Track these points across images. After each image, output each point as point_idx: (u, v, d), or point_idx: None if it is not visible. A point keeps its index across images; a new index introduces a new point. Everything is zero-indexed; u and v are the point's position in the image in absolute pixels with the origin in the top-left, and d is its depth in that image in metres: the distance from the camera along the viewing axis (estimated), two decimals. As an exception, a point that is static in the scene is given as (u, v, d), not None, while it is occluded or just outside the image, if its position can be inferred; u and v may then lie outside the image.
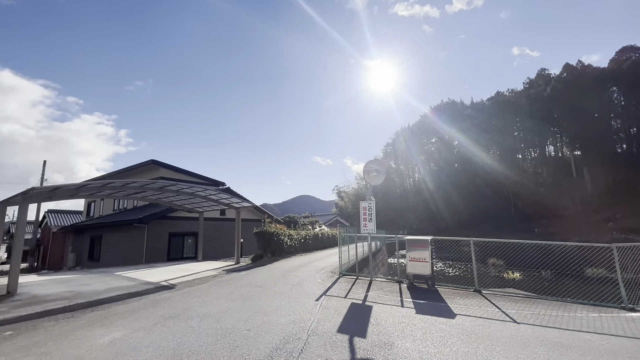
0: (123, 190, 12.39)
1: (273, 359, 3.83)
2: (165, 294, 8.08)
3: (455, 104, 57.94)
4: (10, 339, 4.98)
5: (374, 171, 10.60)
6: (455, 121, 52.86)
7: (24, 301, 7.61)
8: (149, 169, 23.30)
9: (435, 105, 59.98)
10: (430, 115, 58.89)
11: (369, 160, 10.66)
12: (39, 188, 8.82)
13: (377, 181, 10.64)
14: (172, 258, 18.98)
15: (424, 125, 58.83)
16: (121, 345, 4.50)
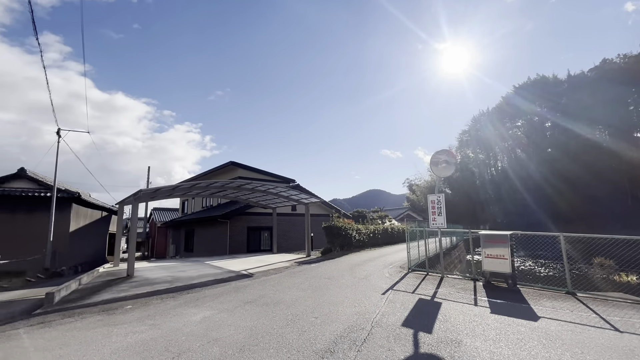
0: (208, 190, 14.07)
1: (337, 345, 4.02)
2: (245, 282, 9.00)
3: (547, 79, 50.26)
4: (130, 311, 6.20)
5: (443, 162, 10.02)
6: (547, 100, 45.94)
7: (139, 282, 9.30)
8: (229, 170, 25.83)
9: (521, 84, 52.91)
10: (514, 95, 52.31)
11: (437, 150, 10.10)
12: (145, 190, 10.64)
13: (446, 173, 10.04)
14: (250, 250, 20.82)
15: (507, 107, 52.51)
16: (210, 322, 5.23)
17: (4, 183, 18.33)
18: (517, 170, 46.41)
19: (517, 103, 50.95)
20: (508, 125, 52.84)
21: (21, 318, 6.19)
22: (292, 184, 25.91)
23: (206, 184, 12.60)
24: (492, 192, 49.54)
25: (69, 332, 5.06)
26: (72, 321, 5.69)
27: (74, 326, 5.38)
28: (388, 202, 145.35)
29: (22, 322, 5.87)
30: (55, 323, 5.61)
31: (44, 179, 19.47)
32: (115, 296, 7.55)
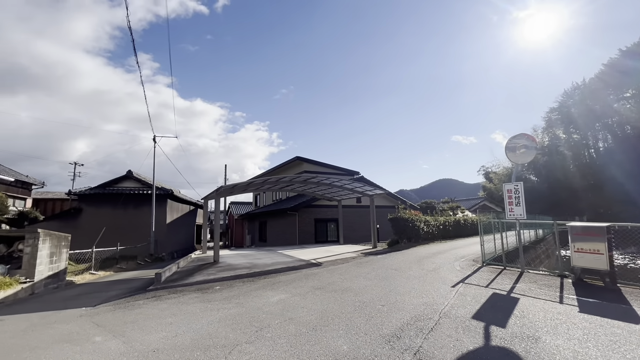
0: (277, 185, 15.10)
1: (404, 331, 4.16)
2: (314, 270, 9.56)
3: (665, 37, 40.68)
4: (219, 291, 7.18)
5: (522, 147, 9.15)
6: (665, 63, 37.35)
7: (223, 267, 10.57)
8: (295, 165, 27.08)
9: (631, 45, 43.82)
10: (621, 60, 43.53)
11: (514, 135, 9.24)
12: (224, 186, 11.96)
13: (525, 159, 9.16)
14: (318, 241, 21.67)
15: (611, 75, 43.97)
16: (285, 304, 5.80)
17: (117, 183, 22.24)
18: (625, 152, 39.03)
19: (626, 69, 42.34)
20: (612, 97, 44.51)
21: (139, 292, 7.67)
22: (356, 176, 26.07)
23: (276, 179, 13.57)
24: (591, 179, 42.58)
25: (175, 305, 6.13)
26: (177, 297, 6.85)
27: (178, 300, 6.48)
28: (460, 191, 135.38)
29: (140, 295, 7.28)
30: (164, 297, 6.83)
31: (145, 178, 23.04)
32: (206, 278, 8.77)
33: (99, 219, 18.96)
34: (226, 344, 3.99)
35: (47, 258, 9.88)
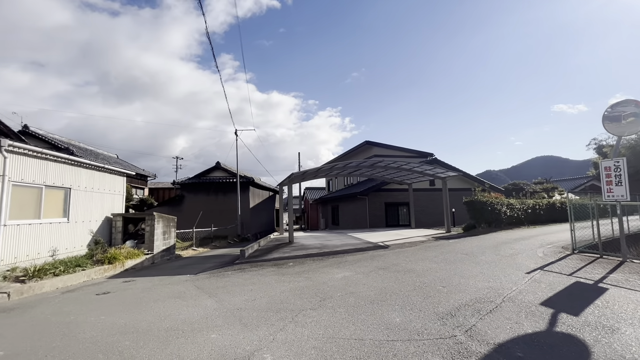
0: (345, 170, 15.53)
1: (459, 311, 4.23)
2: (381, 252, 9.82)
3: None
4: (291, 267, 8.05)
5: (630, 116, 7.76)
6: None
7: (297, 247, 11.59)
8: (365, 149, 27.10)
9: None
10: None
11: (616, 102, 7.84)
12: (295, 173, 12.91)
13: (633, 129, 7.72)
14: (389, 224, 21.61)
15: None
16: (348, 280, 6.28)
17: (209, 173, 25.53)
18: None
19: None
20: None
21: (228, 265, 9.06)
22: (429, 157, 24.89)
23: (343, 165, 14.02)
24: None
25: (255, 276, 7.16)
26: (256, 269, 7.94)
27: (258, 273, 7.53)
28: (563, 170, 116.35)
29: (229, 267, 8.63)
30: (247, 269, 7.99)
31: (230, 168, 25.91)
32: (281, 255, 9.82)
33: (197, 204, 22.25)
34: (294, 308, 4.65)
35: (161, 235, 12.25)
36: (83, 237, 10.08)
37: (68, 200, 9.51)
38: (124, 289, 6.68)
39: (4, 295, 6.03)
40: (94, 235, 10.55)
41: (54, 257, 8.36)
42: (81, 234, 10.02)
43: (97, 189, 10.97)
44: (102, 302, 5.65)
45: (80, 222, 10.01)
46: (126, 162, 27.65)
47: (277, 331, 3.79)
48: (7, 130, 14.60)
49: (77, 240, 9.80)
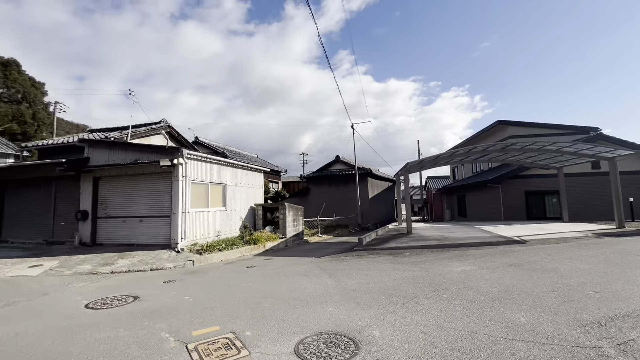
0: (469, 156, 14.04)
1: (612, 321, 3.43)
2: (514, 247, 8.60)
3: None
4: (408, 257, 8.02)
5: None
6: None
7: (415, 238, 11.34)
8: (497, 130, 23.62)
9: None
10: None
11: None
12: (411, 162, 12.55)
13: None
14: (532, 217, 18.33)
15: None
16: (468, 274, 5.87)
17: (330, 166, 27.39)
18: None
19: None
20: None
21: (347, 251, 9.74)
22: (591, 133, 19.67)
23: (466, 151, 12.73)
24: None
25: (371, 263, 7.51)
26: (373, 257, 8.28)
27: (374, 260, 7.86)
28: None
29: (347, 253, 9.28)
30: (364, 256, 8.43)
31: (349, 161, 27.08)
32: (398, 245, 9.85)
33: (320, 195, 24.34)
34: (406, 295, 4.75)
35: (291, 223, 14.11)
36: (235, 222, 12.67)
37: (225, 193, 12.12)
38: (265, 265, 8.15)
39: (190, 262, 8.33)
40: (242, 221, 13.10)
41: (218, 236, 10.90)
42: (234, 219, 12.61)
43: (243, 184, 13.52)
44: (249, 273, 7.10)
45: (234, 210, 12.60)
46: (264, 161, 32.60)
47: (387, 313, 4.00)
48: (186, 142, 19.51)
49: (232, 225, 12.39)
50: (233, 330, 3.59)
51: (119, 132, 17.38)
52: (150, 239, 9.88)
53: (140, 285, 6.00)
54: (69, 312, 4.48)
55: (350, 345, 3.11)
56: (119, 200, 10.62)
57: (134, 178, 10.47)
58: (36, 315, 4.43)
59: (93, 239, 10.54)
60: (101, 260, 8.25)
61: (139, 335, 3.53)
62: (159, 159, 9.25)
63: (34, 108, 32.40)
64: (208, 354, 3.03)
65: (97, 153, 10.73)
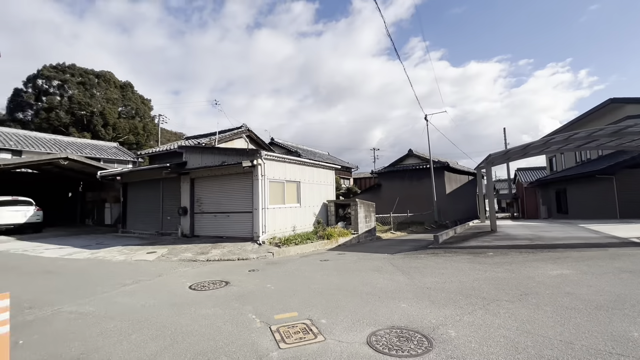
0: (569, 143, 12.09)
1: None
2: (630, 250, 7.21)
3: None
4: (490, 257, 7.39)
5: None
6: None
7: (500, 237, 10.32)
8: (609, 111, 19.75)
9: None
10: None
11: None
12: (495, 154, 11.39)
13: None
14: (660, 215, 14.89)
15: None
16: (565, 279, 5.17)
17: (402, 161, 26.53)
18: None
19: None
20: None
21: (421, 249, 9.40)
22: None
23: (564, 137, 10.98)
24: None
25: (448, 261, 7.14)
26: (450, 255, 7.85)
27: (451, 258, 7.45)
28: None
29: (422, 251, 8.96)
30: (440, 254, 8.05)
31: (423, 154, 25.82)
32: (479, 244, 9.12)
33: (392, 191, 23.75)
34: (486, 297, 4.44)
35: (363, 219, 14.17)
36: (309, 218, 13.28)
37: (299, 191, 12.80)
38: (338, 259, 8.42)
39: (270, 254, 9.09)
40: (316, 216, 13.65)
41: (293, 231, 11.60)
42: (308, 215, 13.23)
43: (316, 181, 14.06)
44: (323, 266, 7.44)
45: (307, 207, 13.22)
46: (334, 158, 33.24)
47: (464, 313, 3.82)
48: (263, 144, 21.10)
49: (306, 220, 13.03)
50: (310, 317, 3.87)
51: (208, 138, 19.75)
52: (236, 232, 11.05)
53: (229, 272, 6.82)
54: (177, 292, 5.38)
55: (423, 342, 3.09)
56: (210, 197, 12.12)
57: (221, 178, 11.83)
58: (154, 292, 5.43)
59: (192, 231, 12.25)
60: (198, 250, 9.57)
61: (231, 315, 4.07)
62: (241, 160, 10.28)
63: (144, 121, 38.81)
64: (288, 335, 3.35)
65: (192, 157, 12.43)
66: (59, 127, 31.37)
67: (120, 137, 34.18)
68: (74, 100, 32.96)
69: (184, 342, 3.31)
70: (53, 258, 9.04)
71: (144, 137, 37.96)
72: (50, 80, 34.02)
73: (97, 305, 4.65)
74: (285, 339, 3.28)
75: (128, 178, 15.02)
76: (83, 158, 17.11)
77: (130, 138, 35.87)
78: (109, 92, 35.97)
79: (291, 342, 3.20)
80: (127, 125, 36.13)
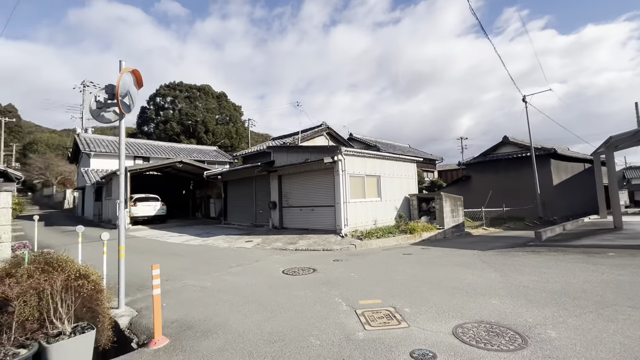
0: None
1: None
2: None
3: None
4: (610, 258, 6.28)
5: None
6: None
7: (627, 235, 8.60)
8: None
9: None
10: None
11: None
12: (616, 136, 9.45)
13: None
14: None
15: None
16: None
17: (495, 150, 23.93)
18: None
19: None
20: None
21: (518, 246, 8.49)
22: None
23: None
24: None
25: (551, 260, 6.34)
26: (555, 254, 6.93)
27: (556, 257, 6.58)
28: None
29: (519, 248, 8.10)
30: (542, 253, 7.16)
31: (522, 141, 22.80)
32: (596, 243, 7.78)
33: (484, 183, 21.61)
34: (600, 301, 3.87)
35: (449, 213, 13.37)
36: (390, 212, 13.15)
37: (379, 185, 12.79)
38: (421, 253, 8.23)
39: (352, 246, 9.40)
40: (397, 210, 13.44)
41: (375, 225, 11.69)
42: (389, 209, 13.12)
43: (396, 174, 13.82)
44: (406, 259, 7.39)
45: (388, 201, 13.12)
46: (416, 150, 31.86)
47: (569, 316, 3.44)
48: (342, 140, 21.56)
49: (387, 214, 12.94)
50: (393, 305, 4.00)
51: (291, 137, 21.16)
52: (320, 225, 11.70)
53: (315, 261, 7.35)
54: (272, 275, 6.09)
55: (516, 339, 2.94)
56: (296, 192, 13.07)
57: (305, 174, 12.64)
58: (255, 273, 6.26)
59: (281, 223, 13.42)
60: (287, 240, 10.49)
61: (320, 297, 4.48)
62: (322, 157, 10.83)
63: (236, 126, 43.47)
64: (373, 320, 3.56)
65: (278, 156, 13.56)
66: (172, 136, 37.51)
67: (218, 141, 39.02)
68: (182, 112, 38.97)
69: (282, 315, 3.82)
70: (176, 243, 11.06)
71: (237, 140, 42.58)
72: (165, 97, 40.86)
73: (212, 282, 5.62)
74: (370, 322, 3.49)
75: (227, 177, 17.20)
76: (192, 161, 20.22)
77: (226, 142, 40.65)
78: (208, 103, 41.40)
79: (376, 325, 3.40)
80: (223, 131, 41.05)
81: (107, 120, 4.45)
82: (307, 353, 2.88)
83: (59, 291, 2.69)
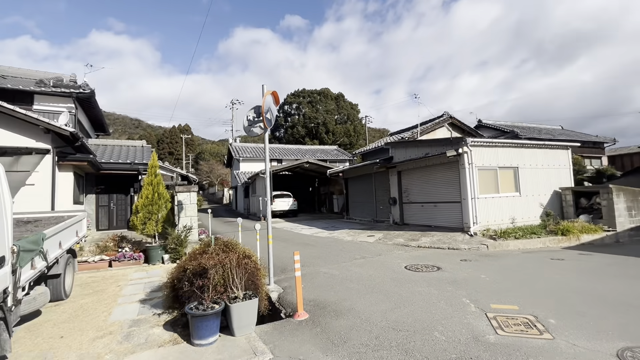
0: None
1: None
2: None
3: None
4: None
5: None
6: None
7: None
8: None
9: None
10: None
11: None
12: None
13: None
14: None
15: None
16: None
17: None
18: None
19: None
20: None
21: None
22: None
23: None
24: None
25: None
26: None
27: None
28: None
29: None
30: None
31: None
32: None
33: (687, 171, 15.67)
34: None
35: (624, 211, 10.40)
36: (534, 209, 11.18)
37: (517, 178, 11.07)
38: (578, 259, 6.80)
39: (484, 246, 8.54)
40: (543, 207, 11.31)
41: (512, 223, 10.23)
42: (532, 206, 11.18)
43: (540, 165, 11.63)
44: (554, 265, 6.27)
45: (530, 196, 11.20)
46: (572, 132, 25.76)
47: None
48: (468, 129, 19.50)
49: (529, 212, 11.06)
50: (534, 314, 3.58)
51: (410, 131, 20.51)
52: (444, 222, 11.04)
53: (440, 260, 7.07)
54: (395, 269, 6.25)
55: None
56: (417, 188, 12.70)
57: (425, 169, 12.13)
58: (377, 267, 6.56)
59: (401, 219, 13.31)
60: (409, 237, 10.37)
61: (445, 296, 4.39)
62: (445, 150, 10.18)
63: (354, 124, 44.87)
64: (507, 325, 3.30)
65: (397, 151, 13.45)
66: (298, 139, 41.83)
67: (337, 140, 41.26)
68: (306, 117, 42.95)
69: (405, 308, 3.97)
70: (307, 235, 12.50)
71: (355, 137, 43.99)
72: (291, 104, 45.88)
73: (340, 270, 6.22)
74: (504, 327, 3.26)
75: (347, 174, 18.15)
76: (317, 160, 22.19)
77: (345, 140, 42.57)
78: (327, 105, 44.27)
79: (510, 331, 3.16)
80: (342, 130, 43.12)
81: (255, 133, 5.55)
82: (432, 346, 2.96)
83: (234, 266, 3.64)
